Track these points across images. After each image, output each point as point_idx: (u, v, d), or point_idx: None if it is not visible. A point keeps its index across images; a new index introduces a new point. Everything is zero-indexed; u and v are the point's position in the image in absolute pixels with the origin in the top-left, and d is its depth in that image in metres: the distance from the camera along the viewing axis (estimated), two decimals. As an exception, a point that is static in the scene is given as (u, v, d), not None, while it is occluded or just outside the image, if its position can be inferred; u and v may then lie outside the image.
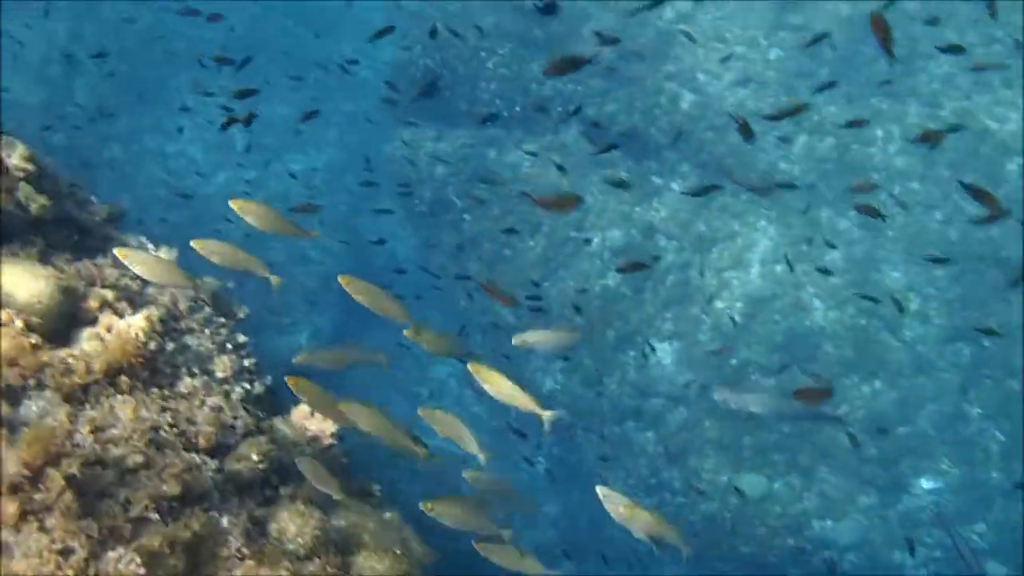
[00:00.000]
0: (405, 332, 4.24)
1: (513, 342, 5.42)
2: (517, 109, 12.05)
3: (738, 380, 11.20)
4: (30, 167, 3.69)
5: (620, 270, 6.18)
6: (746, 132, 6.03)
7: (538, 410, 4.11)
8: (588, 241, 11.69)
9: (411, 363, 15.60)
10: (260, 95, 15.26)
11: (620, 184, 8.13)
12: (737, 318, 11.24)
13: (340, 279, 4.07)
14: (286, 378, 4.06)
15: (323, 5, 16.89)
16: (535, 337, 4.41)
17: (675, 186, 11.76)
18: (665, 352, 11.56)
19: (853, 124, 7.59)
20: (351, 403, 3.94)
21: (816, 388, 5.78)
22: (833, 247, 10.66)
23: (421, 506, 4.06)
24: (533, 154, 11.28)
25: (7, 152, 3.64)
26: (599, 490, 4.26)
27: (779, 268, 11.19)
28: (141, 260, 3.31)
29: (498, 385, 4.02)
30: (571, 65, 4.82)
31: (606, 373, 11.79)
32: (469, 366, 4.22)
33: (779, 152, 11.32)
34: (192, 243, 3.93)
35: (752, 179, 10.96)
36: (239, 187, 15.01)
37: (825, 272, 9.29)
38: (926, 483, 10.52)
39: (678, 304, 11.53)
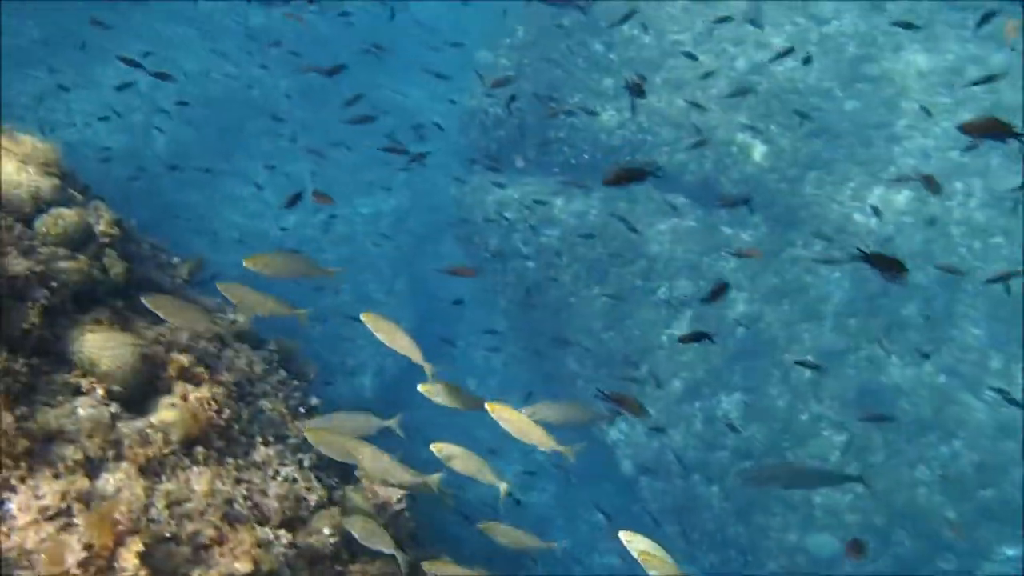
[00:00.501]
0: (419, 387, 4.16)
1: (523, 412, 5.18)
2: (585, 157, 12.03)
3: (809, 434, 10.91)
4: (115, 232, 3.76)
5: (682, 341, 6.04)
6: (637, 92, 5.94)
7: (554, 446, 3.98)
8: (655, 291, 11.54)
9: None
10: (330, 139, 15.60)
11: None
12: (808, 373, 10.95)
13: (363, 317, 4.00)
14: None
15: (400, 50, 17.20)
16: (547, 412, 4.21)
17: (746, 236, 11.56)
18: (732, 404, 11.32)
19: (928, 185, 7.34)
20: (443, 445, 3.89)
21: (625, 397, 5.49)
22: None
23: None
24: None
25: (95, 219, 3.71)
26: (622, 535, 4.09)
27: (853, 321, 10.90)
28: (166, 307, 3.36)
29: (515, 423, 3.91)
30: (631, 176, 4.80)
31: (671, 424, 11.57)
32: (487, 405, 4.11)
33: (854, 204, 11.05)
34: (218, 284, 3.94)
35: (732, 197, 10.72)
36: (308, 230, 15.28)
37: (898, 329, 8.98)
38: (1009, 550, 10.02)
39: (748, 356, 11.29)
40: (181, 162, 14.08)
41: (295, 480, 3.41)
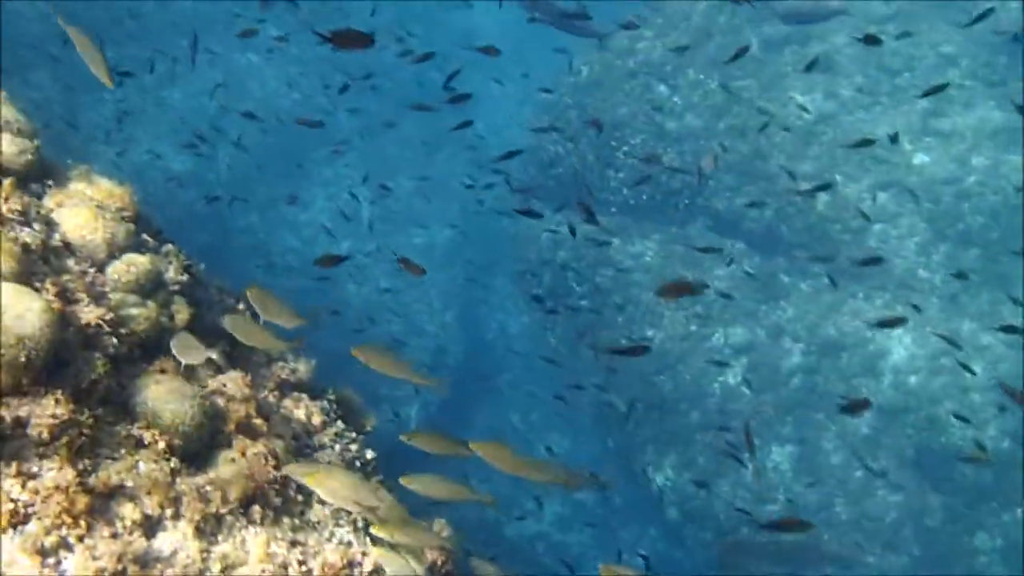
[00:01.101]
0: (401, 437, 4.00)
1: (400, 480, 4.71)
2: (644, 198, 11.93)
3: (864, 494, 10.62)
4: (184, 278, 3.78)
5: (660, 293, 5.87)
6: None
7: (558, 479, 3.77)
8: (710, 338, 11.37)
9: (517, 443, 15.46)
10: (390, 169, 15.71)
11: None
12: (865, 428, 10.69)
13: (353, 351, 3.88)
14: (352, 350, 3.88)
15: (464, 83, 17.34)
16: (426, 485, 3.89)
17: (804, 287, 11.35)
18: (784, 456, 11.08)
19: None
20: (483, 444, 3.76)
21: None
22: (969, 370, 10.01)
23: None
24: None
25: (165, 264, 3.73)
26: (601, 569, 3.92)
27: (913, 379, 10.60)
28: (242, 328, 3.36)
29: (508, 463, 3.75)
30: (685, 290, 4.76)
31: (720, 474, 11.34)
32: (472, 445, 3.95)
33: (919, 259, 10.78)
34: (354, 351, 3.84)
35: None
36: (361, 257, 15.39)
37: (967, 370, 8.64)
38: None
39: (800, 408, 11.04)
40: (243, 186, 14.34)
41: (350, 543, 3.36)
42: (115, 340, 3.31)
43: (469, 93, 7.42)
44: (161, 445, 3.14)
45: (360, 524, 3.51)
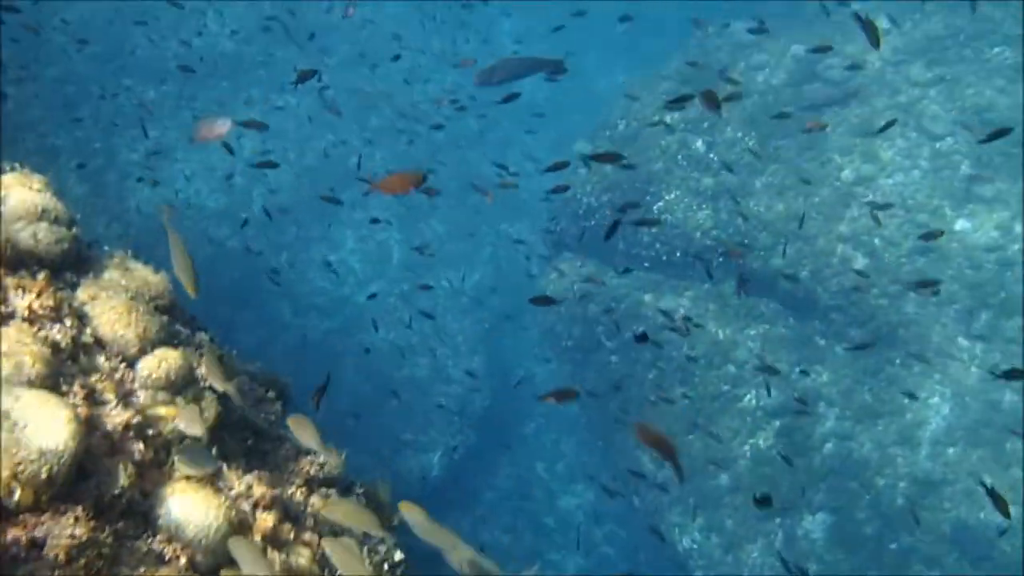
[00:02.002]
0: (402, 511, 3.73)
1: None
2: (677, 255, 11.78)
3: (897, 568, 10.31)
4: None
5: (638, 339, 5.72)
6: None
7: (465, 555, 3.50)
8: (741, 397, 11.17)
9: (541, 493, 15.28)
10: (422, 212, 15.69)
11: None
12: (900, 500, 10.39)
13: (289, 423, 3.68)
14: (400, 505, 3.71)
15: (495, 127, 17.42)
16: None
17: (839, 350, 11.12)
18: (815, 524, 10.80)
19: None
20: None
21: None
22: (1016, 434, 9.72)
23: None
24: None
25: (196, 359, 3.65)
26: None
27: (952, 451, 10.31)
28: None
29: (423, 526, 3.53)
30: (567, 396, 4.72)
31: (749, 539, 11.09)
32: (400, 506, 3.72)
33: (959, 326, 10.52)
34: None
35: None
36: (390, 299, 15.37)
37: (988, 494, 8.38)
38: None
39: (834, 475, 10.77)
40: (275, 225, 14.39)
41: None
42: (141, 445, 3.23)
43: (518, 92, 7.39)
44: (183, 561, 3.04)
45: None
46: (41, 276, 3.45)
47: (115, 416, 3.20)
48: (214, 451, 3.41)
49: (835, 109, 11.28)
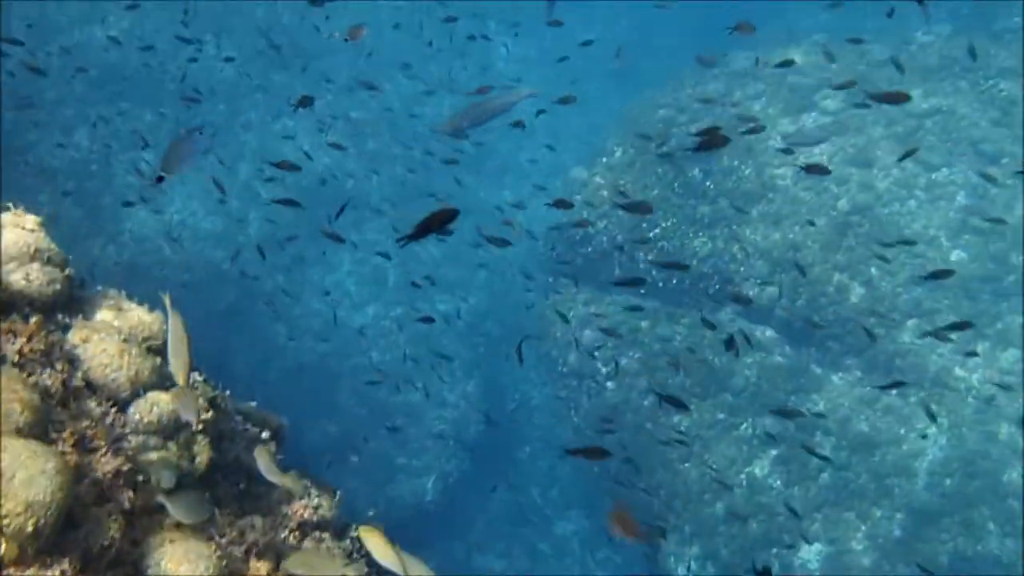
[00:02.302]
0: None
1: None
2: (674, 282, 11.78)
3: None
4: (210, 416, 3.66)
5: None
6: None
7: None
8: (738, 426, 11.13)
9: (536, 518, 15.18)
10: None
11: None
12: (897, 531, 10.34)
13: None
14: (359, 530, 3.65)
15: (493, 153, 17.45)
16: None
17: (836, 379, 11.10)
18: (811, 555, 10.74)
19: None
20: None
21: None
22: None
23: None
24: None
25: (185, 412, 3.61)
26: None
27: (948, 482, 10.27)
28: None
29: (381, 551, 3.47)
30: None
31: (744, 569, 11.00)
32: (360, 531, 3.67)
33: (956, 358, 10.50)
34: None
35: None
36: (385, 321, 15.32)
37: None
38: None
39: (831, 505, 10.72)
40: (272, 248, 14.35)
41: None
42: (131, 492, 3.18)
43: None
44: (173, 613, 2.99)
45: None
46: (33, 320, 3.42)
47: (105, 464, 3.16)
48: (207, 495, 3.37)
49: (832, 138, 11.32)
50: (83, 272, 4.12)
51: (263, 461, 3.62)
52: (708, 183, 11.66)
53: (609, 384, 12.13)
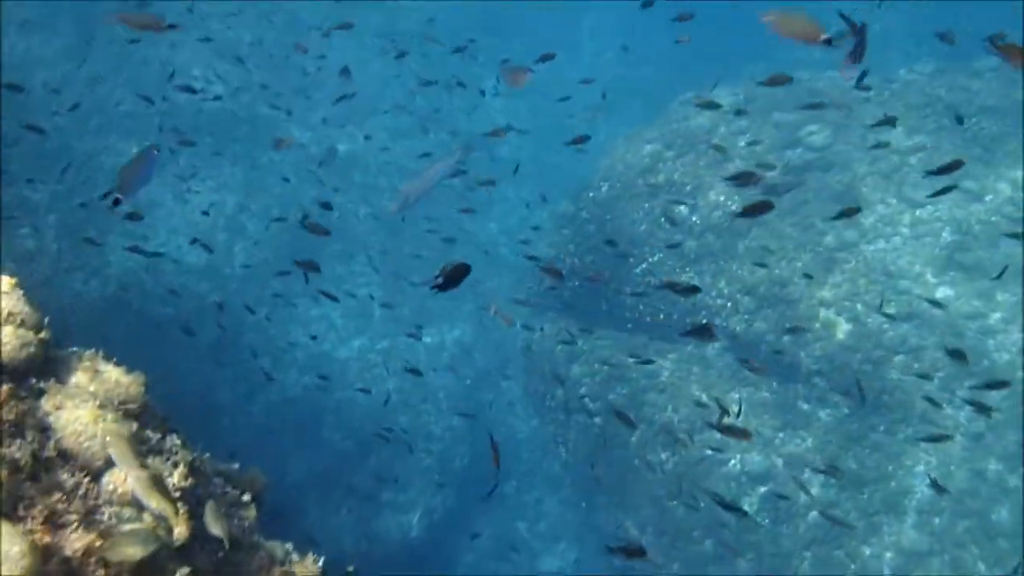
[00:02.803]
0: None
1: None
2: (661, 317, 11.75)
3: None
4: (188, 483, 3.57)
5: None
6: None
7: None
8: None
9: (523, 553, 15.04)
10: (404, 268, 15.64)
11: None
12: (886, 570, 10.26)
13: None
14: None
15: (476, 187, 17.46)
16: None
17: (823, 415, 11.06)
18: (802, 594, 10.66)
19: None
20: None
21: None
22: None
23: None
24: None
25: (169, 468, 3.53)
26: None
27: (938, 520, 10.22)
28: None
29: None
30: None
31: (732, 605, 10.92)
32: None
33: (943, 394, 10.48)
34: None
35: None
36: (372, 355, 15.24)
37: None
38: None
39: (819, 544, 10.64)
40: (256, 279, 14.29)
41: None
42: (103, 571, 3.09)
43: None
44: None
45: None
46: (4, 388, 3.33)
47: (75, 541, 3.06)
48: (185, 571, 3.27)
49: (816, 174, 11.36)
50: (65, 308, 4.04)
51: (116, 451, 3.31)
52: (694, 218, 11.67)
53: (597, 420, 12.06)
